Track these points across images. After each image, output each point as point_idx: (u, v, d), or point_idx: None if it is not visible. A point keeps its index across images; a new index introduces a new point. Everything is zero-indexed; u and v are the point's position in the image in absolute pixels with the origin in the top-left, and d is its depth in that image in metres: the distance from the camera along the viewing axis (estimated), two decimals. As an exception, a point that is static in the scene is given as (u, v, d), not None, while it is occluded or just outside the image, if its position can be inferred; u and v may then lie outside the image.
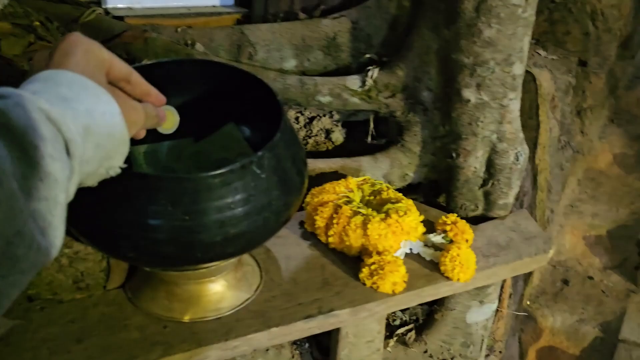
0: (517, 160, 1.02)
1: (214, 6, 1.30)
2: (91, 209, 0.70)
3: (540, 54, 1.99)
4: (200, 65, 0.93)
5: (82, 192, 0.71)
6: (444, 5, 0.95)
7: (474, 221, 1.06)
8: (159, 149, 0.94)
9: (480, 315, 1.17)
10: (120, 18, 1.19)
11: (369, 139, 1.15)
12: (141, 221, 0.69)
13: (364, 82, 1.07)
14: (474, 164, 1.03)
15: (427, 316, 1.21)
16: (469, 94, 0.97)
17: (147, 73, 0.89)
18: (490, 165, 1.03)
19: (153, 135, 0.93)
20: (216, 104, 0.94)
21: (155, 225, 0.69)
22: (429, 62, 1.02)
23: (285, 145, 0.79)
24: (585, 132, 2.29)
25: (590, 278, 2.03)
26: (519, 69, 0.96)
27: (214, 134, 0.94)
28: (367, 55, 1.13)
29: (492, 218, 1.07)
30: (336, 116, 1.17)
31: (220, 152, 0.95)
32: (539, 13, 2.04)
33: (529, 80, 1.77)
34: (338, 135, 1.17)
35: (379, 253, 0.91)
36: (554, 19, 2.04)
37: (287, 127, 0.81)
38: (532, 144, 1.82)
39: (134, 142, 0.91)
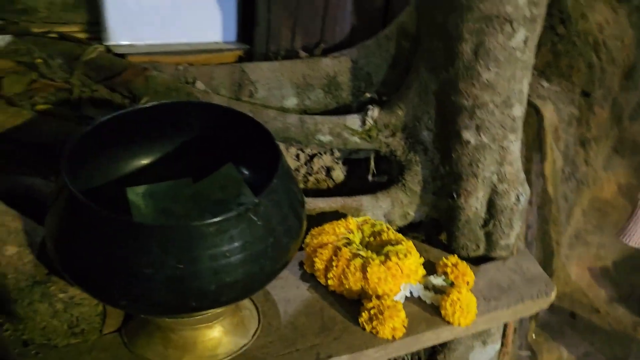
0: (518, 201, 1.01)
1: (216, 42, 1.31)
2: (84, 256, 0.70)
3: (543, 86, 1.99)
4: (199, 107, 0.93)
5: (75, 239, 0.71)
6: (442, 46, 0.95)
7: (476, 261, 1.05)
8: (158, 190, 0.94)
9: (483, 355, 1.15)
10: (122, 55, 1.20)
11: (370, 177, 1.15)
12: (133, 269, 0.68)
13: (364, 122, 1.07)
14: (474, 204, 1.02)
15: (430, 356, 1.19)
16: (468, 135, 0.97)
17: (146, 115, 0.90)
18: (491, 206, 1.02)
19: (151, 176, 0.94)
20: (215, 145, 0.94)
21: (148, 274, 0.68)
22: (428, 102, 1.02)
23: (283, 189, 0.78)
24: (590, 162, 2.27)
25: (597, 311, 2.00)
26: (518, 111, 0.96)
27: (212, 174, 0.94)
28: (368, 95, 1.13)
29: (494, 258, 1.06)
30: (337, 153, 1.16)
31: (218, 193, 0.94)
32: (542, 45, 2.05)
33: (533, 112, 1.77)
34: (339, 173, 1.16)
35: (378, 297, 0.89)
36: (557, 51, 2.05)
37: (285, 171, 0.81)
38: (536, 176, 1.81)
39: (131, 183, 0.92)
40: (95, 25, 1.24)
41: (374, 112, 1.07)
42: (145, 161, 0.95)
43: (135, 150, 0.93)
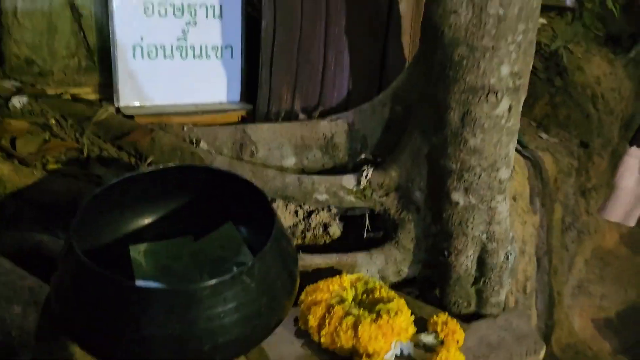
0: (507, 260, 1.04)
1: (220, 103, 1.37)
2: (86, 315, 0.74)
3: (542, 137, 2.04)
4: (200, 171, 0.99)
5: (79, 299, 0.75)
6: (432, 113, 1.01)
7: (468, 318, 1.07)
8: (159, 248, 0.98)
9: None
10: (131, 116, 1.26)
11: (365, 233, 1.18)
12: (134, 330, 0.72)
13: (359, 182, 1.12)
14: (465, 262, 1.05)
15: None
16: (457, 196, 1.01)
17: (151, 178, 0.96)
18: (481, 264, 1.05)
19: (155, 233, 0.99)
20: (215, 205, 0.98)
21: (148, 335, 0.72)
22: (420, 165, 1.07)
23: (277, 251, 0.83)
24: (591, 211, 2.30)
25: (601, 363, 1.99)
26: (505, 174, 1.00)
27: (212, 233, 0.99)
28: (363, 156, 1.18)
29: (485, 315, 1.08)
30: (334, 210, 1.21)
31: (218, 251, 0.99)
32: (540, 97, 2.10)
33: (531, 164, 1.81)
34: (335, 229, 1.20)
35: (369, 355, 0.92)
36: (555, 103, 2.10)
37: (279, 232, 0.85)
38: (534, 227, 1.83)
39: (134, 241, 0.97)
40: (107, 87, 1.31)
41: (368, 172, 1.12)
42: (149, 220, 1.00)
43: (140, 209, 0.99)
